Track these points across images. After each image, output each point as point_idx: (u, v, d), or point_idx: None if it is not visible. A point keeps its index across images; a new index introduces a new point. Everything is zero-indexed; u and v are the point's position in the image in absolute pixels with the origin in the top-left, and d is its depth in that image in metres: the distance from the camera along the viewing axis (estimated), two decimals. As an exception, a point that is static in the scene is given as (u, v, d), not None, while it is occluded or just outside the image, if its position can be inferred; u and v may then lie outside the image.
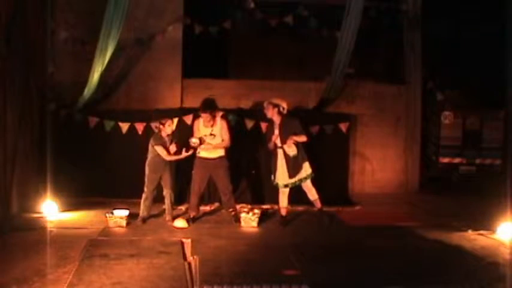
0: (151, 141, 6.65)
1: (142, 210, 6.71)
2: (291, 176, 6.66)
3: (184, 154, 6.59)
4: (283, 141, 6.59)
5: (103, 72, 7.63)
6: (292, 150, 6.61)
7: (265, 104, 6.81)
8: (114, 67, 8.28)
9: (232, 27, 8.80)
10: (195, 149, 6.59)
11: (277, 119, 6.70)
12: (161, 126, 6.64)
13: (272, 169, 6.85)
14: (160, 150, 6.54)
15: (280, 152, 6.69)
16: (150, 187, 6.68)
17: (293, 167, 6.65)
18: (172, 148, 6.64)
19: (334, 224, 7.07)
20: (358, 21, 7.74)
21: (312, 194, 6.83)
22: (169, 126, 6.65)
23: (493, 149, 10.28)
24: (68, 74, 8.36)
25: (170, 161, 6.70)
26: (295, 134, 6.60)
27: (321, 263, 5.22)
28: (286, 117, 6.72)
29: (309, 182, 6.77)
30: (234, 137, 6.85)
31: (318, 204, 6.90)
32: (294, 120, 6.74)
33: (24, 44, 7.11)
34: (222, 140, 6.70)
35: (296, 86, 9.24)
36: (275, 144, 6.68)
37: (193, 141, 6.54)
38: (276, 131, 6.66)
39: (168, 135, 6.67)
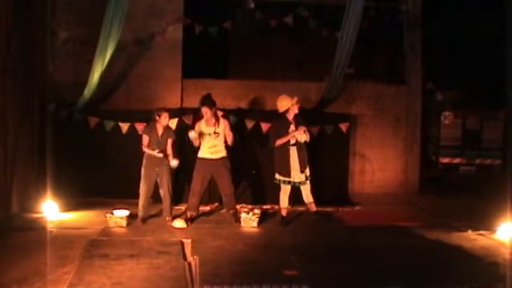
0: (143, 129, 6.72)
1: (139, 210, 6.71)
2: (302, 170, 6.68)
3: (155, 152, 6.51)
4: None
5: (103, 72, 7.63)
6: (303, 137, 6.64)
7: (294, 100, 6.76)
8: (114, 67, 8.27)
9: (232, 27, 8.80)
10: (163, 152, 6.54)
11: (291, 116, 6.73)
12: (157, 117, 6.65)
13: (278, 168, 6.79)
14: (143, 138, 6.59)
15: (293, 149, 6.69)
16: (143, 185, 6.66)
17: (303, 160, 6.68)
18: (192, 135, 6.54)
19: (332, 224, 7.08)
20: (358, 21, 7.75)
21: (309, 196, 6.85)
22: (165, 119, 6.64)
23: (493, 149, 10.27)
24: (68, 74, 8.36)
25: (168, 160, 6.70)
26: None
27: (321, 263, 5.22)
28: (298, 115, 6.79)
29: (308, 183, 6.80)
30: (234, 137, 6.85)
31: (313, 207, 6.92)
32: (301, 118, 6.85)
33: (24, 43, 7.11)
34: (225, 139, 6.73)
35: (296, 86, 9.21)
36: (289, 141, 6.67)
37: (192, 135, 6.53)
38: (293, 126, 6.68)
39: (163, 126, 6.67)
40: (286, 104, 6.74)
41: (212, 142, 6.68)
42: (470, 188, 9.56)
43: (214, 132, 6.65)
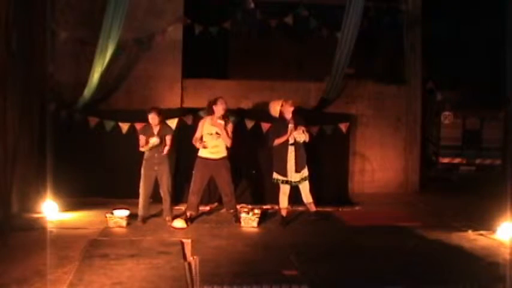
0: (139, 130, 6.76)
1: (140, 210, 6.71)
2: (297, 170, 6.67)
3: (151, 142, 6.49)
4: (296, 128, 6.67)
5: (103, 72, 7.64)
6: (302, 137, 6.65)
7: (282, 101, 6.81)
8: (114, 67, 8.28)
9: (232, 27, 8.80)
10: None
11: (289, 115, 6.74)
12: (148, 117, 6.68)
13: (276, 167, 6.81)
14: (140, 138, 6.61)
15: (291, 148, 6.69)
16: (143, 185, 6.66)
17: (300, 160, 6.68)
18: (153, 141, 6.53)
19: (332, 224, 7.08)
20: (358, 21, 7.76)
21: (308, 196, 6.85)
22: (152, 119, 6.62)
23: (493, 149, 10.29)
24: (68, 74, 8.37)
25: (167, 161, 6.69)
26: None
27: (321, 263, 5.22)
28: (296, 114, 6.79)
29: (307, 183, 6.80)
30: (234, 137, 6.86)
31: (313, 208, 6.93)
32: (301, 117, 6.85)
33: (24, 44, 7.11)
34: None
35: (296, 86, 9.24)
36: (288, 140, 6.68)
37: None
38: (291, 126, 6.68)
39: (155, 125, 6.66)
40: (277, 107, 6.79)
41: (214, 142, 6.69)
42: (470, 188, 9.57)
43: (216, 133, 6.66)
